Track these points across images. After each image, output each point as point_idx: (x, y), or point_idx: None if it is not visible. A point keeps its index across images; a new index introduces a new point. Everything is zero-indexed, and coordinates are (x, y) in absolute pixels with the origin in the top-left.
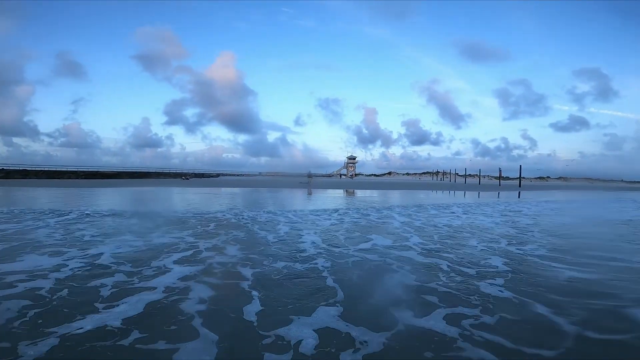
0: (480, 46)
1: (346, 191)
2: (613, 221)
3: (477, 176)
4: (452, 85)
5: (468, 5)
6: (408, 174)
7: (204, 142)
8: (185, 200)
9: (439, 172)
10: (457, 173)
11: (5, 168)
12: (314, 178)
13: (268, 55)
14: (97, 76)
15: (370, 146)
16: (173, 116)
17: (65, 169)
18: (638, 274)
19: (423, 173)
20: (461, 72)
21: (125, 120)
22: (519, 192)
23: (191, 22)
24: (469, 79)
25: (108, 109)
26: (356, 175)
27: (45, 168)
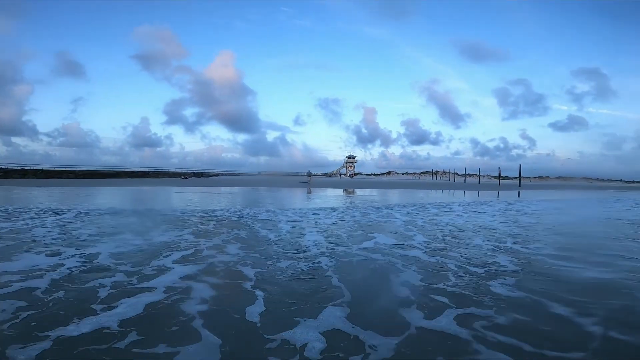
0: (479, 46)
1: (346, 190)
2: (616, 220)
3: (477, 176)
4: (452, 85)
5: (467, 5)
6: (407, 174)
7: (204, 142)
8: (184, 199)
9: (439, 172)
10: (457, 172)
11: (3, 167)
12: (314, 177)
13: (267, 54)
14: (97, 76)
15: (369, 146)
16: (172, 116)
17: (64, 169)
18: None
19: (422, 172)
20: (461, 72)
21: (124, 119)
22: (519, 192)
23: (190, 22)
24: (469, 79)
25: (107, 109)
26: (355, 174)
27: (43, 167)
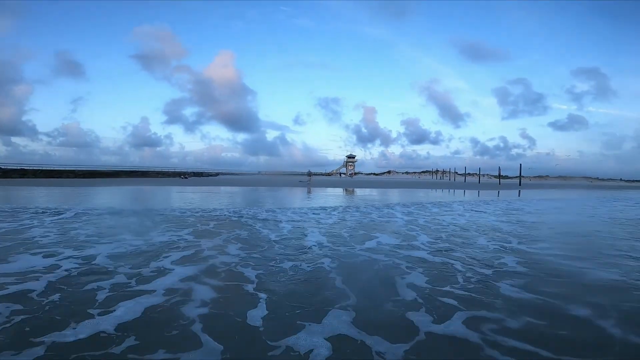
0: (479, 46)
1: (346, 190)
2: (619, 219)
3: (477, 175)
4: (452, 84)
5: (467, 5)
6: (407, 173)
7: (203, 141)
8: (184, 199)
9: (439, 171)
10: (457, 172)
11: (2, 167)
12: (314, 177)
13: (267, 54)
14: (96, 75)
15: (369, 145)
16: (172, 115)
17: (63, 168)
18: None
19: (422, 172)
20: (460, 72)
21: (124, 119)
22: (519, 191)
23: (190, 22)
24: (468, 79)
25: (107, 108)
26: (355, 174)
27: (43, 167)
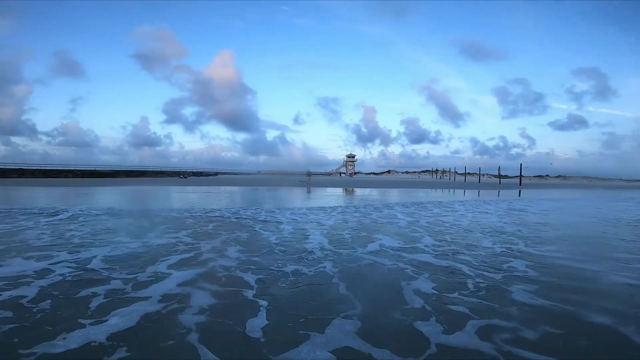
0: (479, 45)
1: (346, 190)
2: (624, 220)
3: (477, 174)
4: (451, 84)
5: (467, 4)
6: (407, 172)
7: (203, 141)
8: (183, 199)
9: (438, 171)
10: (457, 171)
11: (1, 167)
12: (313, 176)
13: (267, 54)
14: (96, 75)
15: (369, 145)
16: (172, 115)
17: (62, 168)
18: None
19: (422, 171)
20: (460, 71)
21: (123, 119)
22: (520, 191)
23: (190, 22)
24: (468, 78)
25: (106, 108)
26: (355, 173)
27: (42, 167)
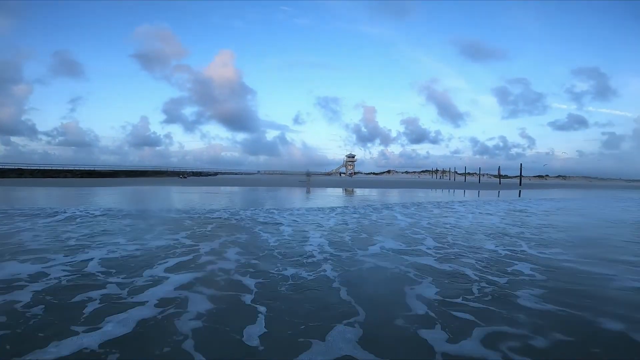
0: (479, 45)
1: (346, 190)
2: (627, 221)
3: (477, 174)
4: (451, 84)
5: (467, 4)
6: (407, 172)
7: (203, 141)
8: (182, 199)
9: (438, 171)
10: (457, 171)
11: (0, 167)
12: (313, 176)
13: (267, 53)
14: (96, 75)
15: (369, 144)
16: (172, 115)
17: (61, 168)
18: None
19: (422, 171)
20: (460, 71)
21: (123, 118)
22: (520, 191)
23: (190, 22)
24: (468, 78)
25: (106, 108)
26: (355, 173)
27: (41, 167)
